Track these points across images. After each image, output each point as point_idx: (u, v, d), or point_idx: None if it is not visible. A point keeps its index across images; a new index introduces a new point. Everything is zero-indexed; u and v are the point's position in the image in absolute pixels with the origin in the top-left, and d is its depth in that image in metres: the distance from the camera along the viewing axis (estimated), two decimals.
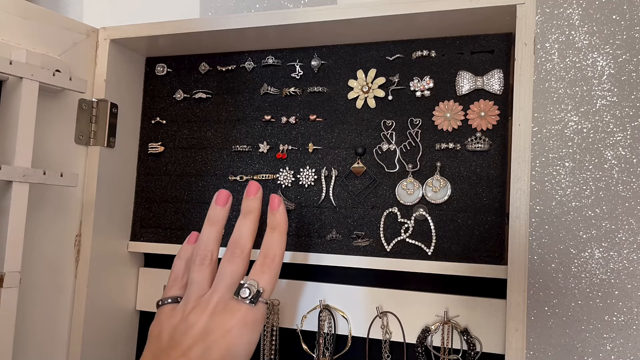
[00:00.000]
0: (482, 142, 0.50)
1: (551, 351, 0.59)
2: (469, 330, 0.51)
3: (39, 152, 0.52)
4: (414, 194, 0.52)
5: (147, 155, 0.63)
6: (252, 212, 0.47)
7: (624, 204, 0.58)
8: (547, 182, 0.61)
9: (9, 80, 0.50)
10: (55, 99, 0.55)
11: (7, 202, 0.48)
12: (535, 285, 0.60)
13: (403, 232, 0.52)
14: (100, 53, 0.59)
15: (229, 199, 0.48)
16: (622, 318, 0.57)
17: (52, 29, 0.55)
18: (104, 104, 0.58)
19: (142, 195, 0.63)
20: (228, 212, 0.48)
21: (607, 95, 0.59)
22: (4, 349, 0.46)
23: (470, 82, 0.51)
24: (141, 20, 0.58)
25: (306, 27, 0.52)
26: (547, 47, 0.62)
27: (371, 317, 0.54)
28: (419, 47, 0.53)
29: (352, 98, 0.55)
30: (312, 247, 0.55)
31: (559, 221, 0.60)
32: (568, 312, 0.59)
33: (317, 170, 0.56)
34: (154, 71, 0.64)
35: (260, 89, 0.59)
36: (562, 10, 0.62)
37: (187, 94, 0.62)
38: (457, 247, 0.50)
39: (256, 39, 0.56)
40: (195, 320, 0.42)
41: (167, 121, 0.63)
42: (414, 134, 0.53)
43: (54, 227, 0.55)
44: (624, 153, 0.59)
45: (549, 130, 0.61)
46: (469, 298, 0.51)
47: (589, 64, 0.60)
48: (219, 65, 0.61)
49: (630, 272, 0.57)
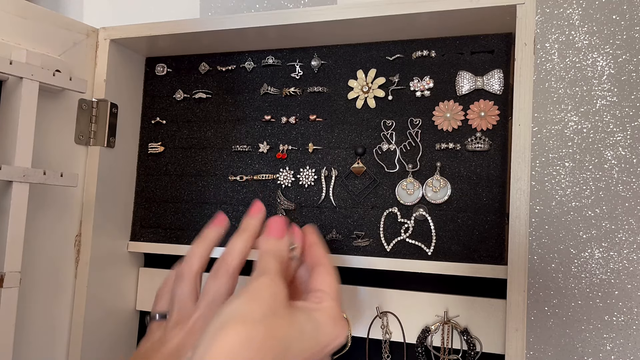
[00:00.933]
0: (482, 142, 0.50)
1: (551, 351, 0.59)
2: (469, 330, 0.51)
3: (39, 152, 0.52)
4: (414, 194, 0.52)
5: (147, 155, 0.63)
6: (246, 231, 0.43)
7: (624, 204, 0.58)
8: (547, 182, 0.61)
9: (9, 80, 0.50)
10: (55, 99, 0.55)
11: (7, 202, 0.48)
12: (535, 285, 0.60)
13: (403, 232, 0.52)
14: (100, 53, 0.59)
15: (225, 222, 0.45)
16: (622, 318, 0.57)
17: (52, 29, 0.55)
18: (104, 104, 0.58)
19: (142, 195, 0.63)
20: (223, 232, 0.45)
21: (607, 95, 0.59)
22: (4, 348, 0.46)
23: (470, 82, 0.51)
24: (141, 20, 0.58)
25: (306, 27, 0.52)
26: (547, 47, 0.62)
27: (371, 317, 0.54)
28: (419, 47, 0.53)
29: (352, 98, 0.55)
30: None
31: (559, 221, 0.60)
32: (568, 312, 0.59)
33: (317, 170, 0.56)
34: (154, 71, 0.64)
35: (260, 89, 0.59)
36: (562, 10, 0.62)
37: (187, 94, 0.62)
38: (457, 247, 0.50)
39: (256, 39, 0.56)
40: (171, 337, 0.40)
41: (167, 121, 0.63)
42: (414, 134, 0.53)
43: (54, 227, 0.55)
44: (624, 153, 0.59)
45: (549, 130, 0.61)
46: (469, 298, 0.51)
47: (589, 64, 0.60)
48: (219, 65, 0.61)
49: (630, 272, 0.57)
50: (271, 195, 0.57)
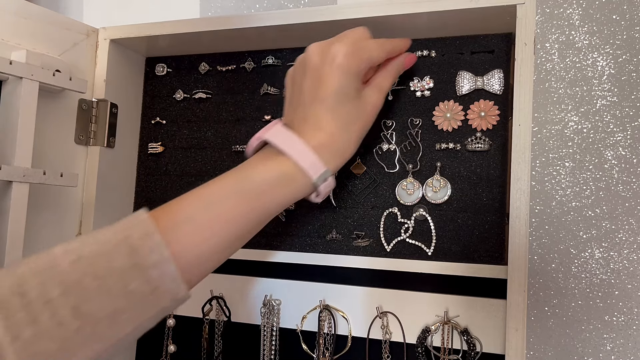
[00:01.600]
0: (482, 142, 0.50)
1: (551, 351, 0.59)
2: (469, 330, 0.51)
3: (39, 152, 0.52)
4: (414, 194, 0.52)
5: (147, 155, 0.63)
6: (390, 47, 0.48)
7: (624, 204, 0.58)
8: (547, 182, 0.60)
9: (9, 80, 0.50)
10: (55, 99, 0.55)
11: (7, 202, 0.48)
12: (536, 286, 0.60)
13: (403, 232, 0.52)
14: (100, 53, 0.59)
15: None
16: (623, 318, 0.57)
17: (52, 29, 0.55)
18: (103, 104, 0.58)
19: (142, 196, 0.63)
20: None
21: (607, 95, 0.59)
22: None
23: (471, 82, 0.51)
24: (141, 20, 0.58)
25: (306, 27, 0.52)
26: (547, 47, 0.62)
27: (371, 317, 0.54)
28: (419, 47, 0.53)
29: None
30: (312, 247, 0.55)
31: (559, 221, 0.60)
32: (568, 312, 0.59)
33: None
34: (154, 71, 0.64)
35: (260, 89, 0.59)
36: (562, 10, 0.62)
37: (187, 94, 0.62)
38: (457, 247, 0.50)
39: (256, 39, 0.56)
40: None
41: (167, 121, 0.63)
42: (414, 134, 0.53)
43: (54, 227, 0.55)
44: (624, 153, 0.59)
45: (549, 130, 0.61)
46: (469, 298, 0.51)
47: (589, 64, 0.60)
48: (219, 65, 0.61)
49: (630, 272, 0.57)
50: None
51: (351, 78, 0.42)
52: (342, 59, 0.42)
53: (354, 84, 0.43)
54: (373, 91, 0.45)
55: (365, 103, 0.45)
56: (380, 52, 0.45)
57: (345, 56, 0.42)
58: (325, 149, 0.41)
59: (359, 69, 0.43)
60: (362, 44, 0.43)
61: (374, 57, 0.44)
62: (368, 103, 0.45)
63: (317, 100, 0.42)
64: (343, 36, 0.44)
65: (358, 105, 0.44)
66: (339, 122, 0.42)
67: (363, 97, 0.45)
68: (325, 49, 0.43)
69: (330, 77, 0.42)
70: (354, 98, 0.43)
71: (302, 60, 0.45)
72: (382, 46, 0.45)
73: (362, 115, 0.44)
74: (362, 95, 0.45)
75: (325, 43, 0.43)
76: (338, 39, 0.43)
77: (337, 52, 0.42)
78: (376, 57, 0.45)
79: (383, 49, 0.46)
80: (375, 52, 0.44)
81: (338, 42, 0.43)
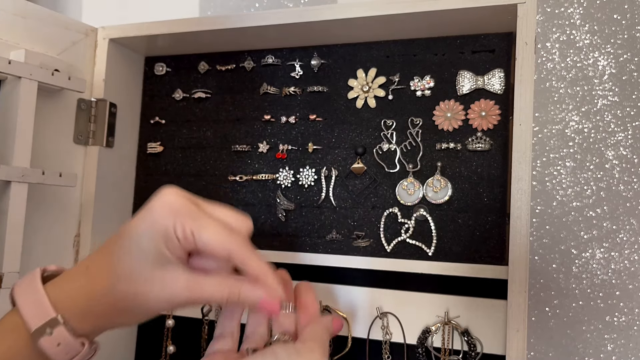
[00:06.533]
0: (483, 142, 0.50)
1: (552, 352, 0.59)
2: (470, 331, 0.50)
3: (38, 152, 0.52)
4: (414, 194, 0.52)
5: (146, 155, 0.63)
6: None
7: (625, 204, 0.58)
8: (548, 182, 0.60)
9: (8, 79, 0.50)
10: (54, 99, 0.55)
11: (6, 202, 0.47)
12: (536, 286, 0.60)
13: (403, 233, 0.52)
14: (99, 52, 0.59)
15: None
16: (624, 319, 0.57)
17: (51, 28, 0.54)
18: (102, 103, 0.58)
19: (141, 195, 0.63)
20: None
21: (608, 95, 0.59)
22: None
23: (471, 82, 0.51)
24: (140, 20, 0.58)
25: (306, 26, 0.52)
26: (548, 46, 0.62)
27: (371, 318, 0.53)
28: (419, 47, 0.53)
29: (352, 98, 0.55)
30: (312, 247, 0.55)
31: (559, 221, 0.59)
32: (569, 312, 0.59)
33: (317, 170, 0.56)
34: (153, 71, 0.63)
35: (260, 89, 0.59)
36: (563, 9, 0.61)
37: (187, 94, 0.62)
38: (458, 247, 0.50)
39: (256, 38, 0.56)
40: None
41: (166, 121, 0.63)
42: (414, 133, 0.53)
43: (53, 227, 0.55)
44: (625, 153, 0.58)
45: (550, 130, 0.61)
46: (469, 299, 0.51)
47: (590, 64, 0.60)
48: (219, 64, 0.60)
49: (631, 273, 0.57)
50: (271, 195, 0.57)
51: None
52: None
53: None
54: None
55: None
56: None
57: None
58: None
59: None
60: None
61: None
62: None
63: None
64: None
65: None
66: None
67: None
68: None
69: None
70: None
71: None
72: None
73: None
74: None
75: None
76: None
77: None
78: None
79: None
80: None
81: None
